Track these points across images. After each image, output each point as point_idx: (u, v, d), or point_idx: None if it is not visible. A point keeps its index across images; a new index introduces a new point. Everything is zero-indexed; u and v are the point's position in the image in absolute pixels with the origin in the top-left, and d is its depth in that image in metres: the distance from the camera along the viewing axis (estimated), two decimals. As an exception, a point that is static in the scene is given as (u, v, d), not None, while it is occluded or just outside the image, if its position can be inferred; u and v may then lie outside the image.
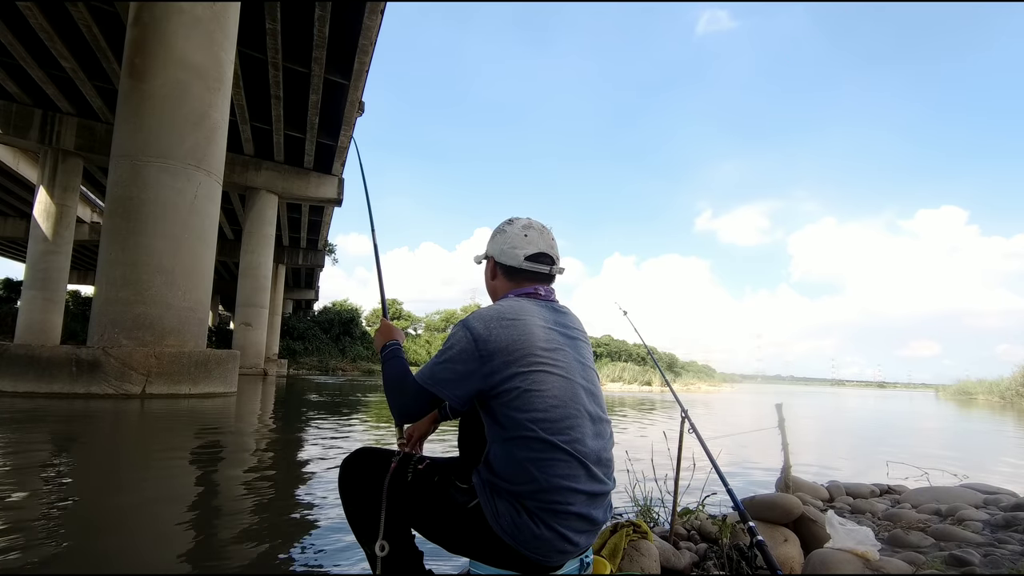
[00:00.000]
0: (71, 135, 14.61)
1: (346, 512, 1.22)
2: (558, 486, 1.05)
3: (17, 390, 6.37)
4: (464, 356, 1.12)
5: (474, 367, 1.12)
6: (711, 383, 44.93)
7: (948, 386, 42.33)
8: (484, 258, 1.40)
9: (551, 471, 1.06)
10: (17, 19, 10.93)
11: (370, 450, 1.26)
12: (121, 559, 1.83)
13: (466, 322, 1.17)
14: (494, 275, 1.36)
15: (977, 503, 2.93)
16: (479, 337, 1.12)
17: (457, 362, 1.13)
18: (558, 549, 1.06)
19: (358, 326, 37.59)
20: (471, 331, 1.14)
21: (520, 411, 1.08)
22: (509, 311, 1.18)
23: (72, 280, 31.41)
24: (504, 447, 1.10)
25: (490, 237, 1.38)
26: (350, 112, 14.18)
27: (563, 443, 1.07)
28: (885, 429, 10.34)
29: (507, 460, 1.09)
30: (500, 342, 1.11)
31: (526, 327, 1.15)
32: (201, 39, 7.55)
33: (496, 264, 1.34)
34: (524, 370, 1.10)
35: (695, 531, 2.09)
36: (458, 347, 1.14)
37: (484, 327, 1.14)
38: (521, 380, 1.10)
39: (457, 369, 1.13)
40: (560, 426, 1.08)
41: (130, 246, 7.02)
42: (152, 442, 4.29)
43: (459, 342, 1.14)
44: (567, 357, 1.17)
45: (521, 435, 1.07)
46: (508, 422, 1.09)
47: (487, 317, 1.16)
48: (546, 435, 1.07)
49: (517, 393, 1.09)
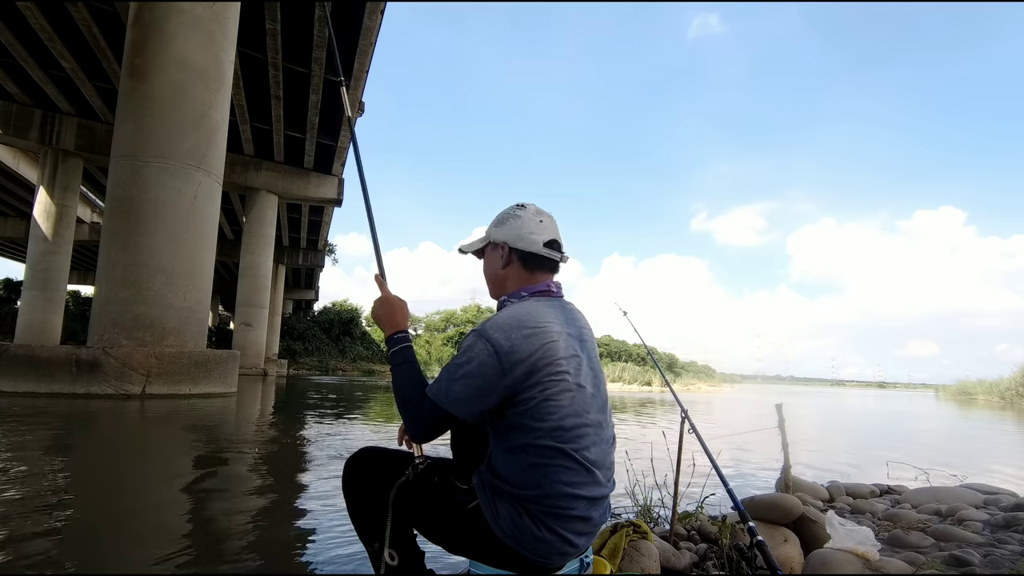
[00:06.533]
0: (71, 135, 14.61)
1: (349, 511, 1.22)
2: (563, 492, 1.05)
3: (17, 390, 6.37)
4: (484, 370, 1.05)
5: (495, 381, 1.05)
6: (711, 383, 44.93)
7: (948, 386, 42.37)
8: (490, 244, 1.30)
9: (558, 478, 1.05)
10: (17, 19, 10.92)
11: (374, 450, 1.25)
12: (121, 559, 1.83)
13: (484, 332, 1.09)
14: (507, 262, 1.27)
15: (977, 503, 2.94)
16: (501, 349, 1.05)
17: (476, 376, 1.06)
18: (559, 551, 1.06)
19: (358, 326, 37.57)
20: (492, 343, 1.06)
21: (534, 419, 1.06)
22: (528, 319, 1.11)
23: (72, 280, 31.37)
24: (511, 452, 1.08)
25: (498, 222, 1.30)
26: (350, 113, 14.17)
27: (572, 451, 1.06)
28: (885, 429, 10.34)
29: (513, 465, 1.08)
30: (522, 354, 1.06)
31: (547, 336, 1.10)
32: (201, 39, 7.55)
33: (512, 251, 1.26)
34: (544, 380, 1.07)
35: (695, 531, 2.09)
36: (477, 360, 1.06)
37: (505, 338, 1.06)
38: (540, 391, 1.07)
39: (476, 384, 1.05)
40: (571, 435, 1.07)
41: (130, 246, 7.01)
42: (152, 442, 4.30)
43: (478, 355, 1.06)
44: (582, 365, 1.15)
45: (531, 442, 1.06)
46: (519, 429, 1.07)
47: (507, 327, 1.09)
48: (557, 443, 1.05)
49: (534, 403, 1.06)
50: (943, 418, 15.03)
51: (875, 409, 18.78)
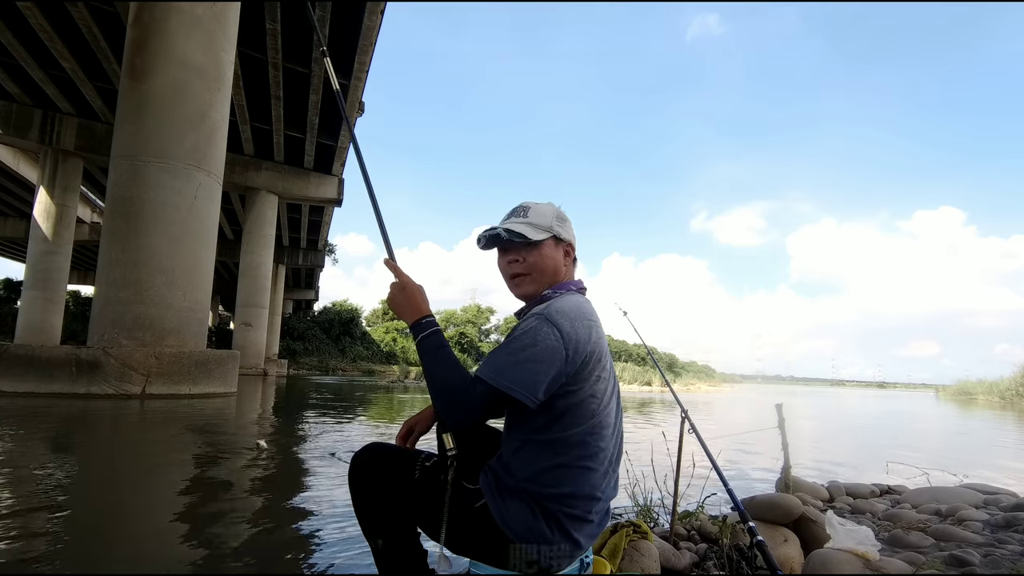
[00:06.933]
0: (71, 135, 14.60)
1: (354, 506, 1.21)
2: (587, 494, 1.05)
3: (17, 390, 6.36)
4: (550, 355, 1.01)
5: (559, 368, 1.02)
6: (711, 383, 44.92)
7: (948, 386, 42.38)
8: (553, 238, 1.23)
9: (585, 479, 1.05)
10: (17, 19, 10.92)
11: (381, 447, 1.24)
12: (121, 559, 1.83)
13: (549, 317, 1.05)
14: (570, 260, 1.27)
15: (977, 503, 2.93)
16: (567, 336, 1.03)
17: (542, 361, 1.00)
18: (568, 554, 1.06)
19: (358, 326, 37.56)
20: (558, 328, 1.03)
21: (575, 415, 1.05)
22: (587, 310, 1.11)
23: (72, 280, 31.36)
24: (539, 447, 1.07)
25: (560, 220, 1.25)
26: (350, 112, 14.18)
27: (600, 451, 1.07)
28: (885, 429, 10.34)
29: (537, 461, 1.06)
30: (583, 343, 1.05)
31: (599, 331, 1.11)
32: (201, 39, 7.55)
33: (572, 248, 1.27)
34: (591, 376, 1.07)
35: (695, 531, 2.09)
36: (543, 344, 1.01)
37: (570, 325, 1.04)
38: (588, 385, 1.06)
39: (541, 368, 1.00)
40: (601, 434, 1.08)
41: (130, 246, 7.01)
42: (152, 442, 4.29)
43: (545, 338, 1.02)
44: (611, 364, 1.16)
45: (564, 438, 1.05)
46: (557, 425, 1.06)
47: (571, 315, 1.07)
48: (591, 442, 1.06)
49: (578, 399, 1.05)
50: (943, 418, 15.03)
51: (875, 409, 18.78)
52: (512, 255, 1.23)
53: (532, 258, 1.21)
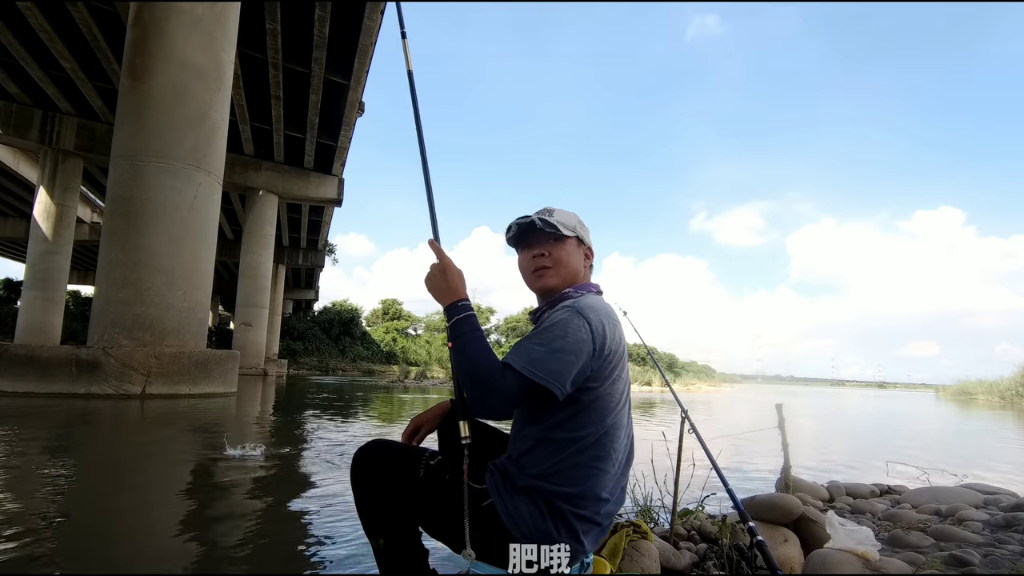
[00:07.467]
0: (71, 135, 14.60)
1: (356, 504, 1.20)
2: (597, 496, 1.05)
3: (17, 390, 6.36)
4: (580, 347, 1.02)
5: (586, 361, 1.03)
6: (711, 383, 44.91)
7: (948, 386, 42.36)
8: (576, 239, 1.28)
9: (596, 481, 1.05)
10: (17, 19, 10.92)
11: (384, 444, 1.23)
12: (121, 559, 1.82)
13: (580, 310, 1.07)
14: (587, 261, 1.31)
15: (977, 503, 2.93)
16: (596, 330, 1.05)
17: (571, 352, 1.01)
18: (569, 555, 1.05)
19: (358, 326, 37.56)
20: (589, 322, 1.05)
21: (592, 413, 1.06)
22: (611, 311, 1.13)
23: (72, 280, 31.36)
24: (557, 445, 1.06)
25: (582, 225, 1.30)
26: (350, 112, 14.18)
27: (613, 452, 1.07)
28: (885, 429, 10.34)
29: (553, 460, 1.06)
30: (609, 340, 1.07)
31: (622, 332, 1.12)
32: (201, 39, 7.55)
33: (592, 254, 1.32)
34: (613, 375, 1.08)
35: (695, 531, 2.09)
36: (574, 336, 1.03)
37: (599, 322, 1.06)
38: (607, 385, 1.07)
39: (571, 360, 1.01)
40: (615, 435, 1.08)
41: (130, 246, 7.01)
42: (152, 442, 4.29)
43: (575, 331, 1.03)
44: (627, 369, 1.16)
45: (581, 437, 1.05)
46: (575, 422, 1.06)
47: (600, 311, 1.09)
48: (606, 443, 1.06)
49: (596, 396, 1.06)
50: (943, 418, 15.03)
51: (875, 409, 18.77)
52: (538, 248, 1.26)
53: (557, 253, 1.24)
